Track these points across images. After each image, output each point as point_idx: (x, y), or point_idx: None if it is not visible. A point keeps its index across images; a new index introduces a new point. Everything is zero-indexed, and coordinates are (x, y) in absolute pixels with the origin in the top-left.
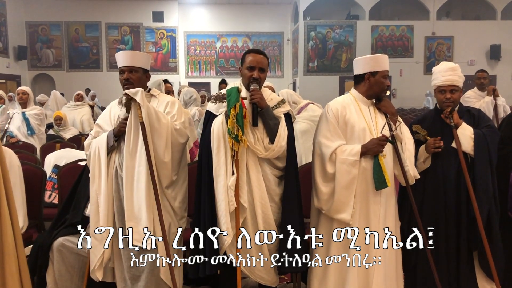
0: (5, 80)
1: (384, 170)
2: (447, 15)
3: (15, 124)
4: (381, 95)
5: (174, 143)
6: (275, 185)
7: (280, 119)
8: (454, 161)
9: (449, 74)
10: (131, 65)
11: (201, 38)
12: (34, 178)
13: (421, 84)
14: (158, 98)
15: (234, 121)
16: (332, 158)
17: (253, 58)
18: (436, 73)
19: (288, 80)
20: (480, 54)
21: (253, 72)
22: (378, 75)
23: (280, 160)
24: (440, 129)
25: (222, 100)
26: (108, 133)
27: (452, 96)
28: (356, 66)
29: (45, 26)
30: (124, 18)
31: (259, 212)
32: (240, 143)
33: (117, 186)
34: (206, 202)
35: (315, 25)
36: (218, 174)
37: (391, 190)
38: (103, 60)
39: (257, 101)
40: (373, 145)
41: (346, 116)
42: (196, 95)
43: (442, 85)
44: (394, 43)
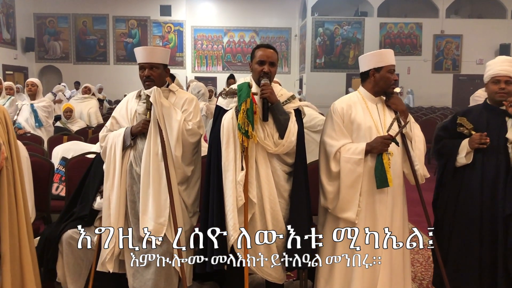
0: (12, 71)
1: (387, 169)
2: (456, 13)
3: (23, 115)
4: (389, 91)
5: (185, 142)
6: (284, 180)
7: (290, 115)
8: (496, 158)
9: (506, 65)
10: (152, 61)
11: (208, 32)
12: (41, 170)
13: (429, 83)
14: (177, 94)
15: (244, 116)
16: (336, 156)
17: (263, 52)
18: (491, 65)
19: (294, 76)
20: (489, 53)
21: (264, 66)
22: (383, 71)
23: (290, 155)
24: (485, 124)
25: (233, 95)
26: (125, 132)
27: (507, 87)
28: (361, 63)
29: (53, 19)
30: (131, 11)
31: (268, 208)
32: (250, 138)
33: (131, 181)
34: (215, 197)
35: (323, 21)
36: (227, 169)
37: (398, 190)
38: (110, 53)
39: (268, 96)
40: (377, 143)
41: (352, 115)
42: (205, 89)
43: (497, 74)
44: (402, 40)
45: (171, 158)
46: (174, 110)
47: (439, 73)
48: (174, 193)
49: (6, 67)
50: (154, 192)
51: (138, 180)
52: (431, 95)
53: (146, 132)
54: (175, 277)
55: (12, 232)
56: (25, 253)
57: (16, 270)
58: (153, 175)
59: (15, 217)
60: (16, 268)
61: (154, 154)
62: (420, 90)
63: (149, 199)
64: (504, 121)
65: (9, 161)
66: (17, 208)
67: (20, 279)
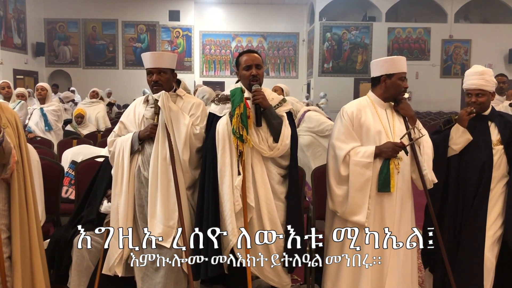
0: (23, 76)
1: (392, 174)
2: (465, 18)
3: (33, 119)
4: (399, 98)
5: (192, 146)
6: (279, 183)
7: (283, 118)
8: (483, 160)
9: (476, 78)
10: (159, 66)
11: (216, 37)
12: (51, 173)
13: (437, 88)
14: (184, 99)
15: (238, 120)
16: (345, 160)
17: (248, 57)
18: (466, 76)
19: (302, 81)
20: (499, 58)
21: (251, 70)
22: (394, 77)
23: (284, 158)
24: (472, 129)
25: (225, 101)
26: (133, 136)
27: (478, 99)
28: (373, 68)
29: (63, 24)
30: (140, 16)
31: (265, 212)
32: (244, 142)
33: (139, 185)
34: (210, 202)
35: (331, 26)
36: (223, 174)
37: (407, 195)
38: (119, 57)
39: (260, 101)
40: (388, 148)
41: (362, 119)
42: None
43: (468, 89)
44: (410, 45)
45: (179, 162)
46: (182, 115)
47: (447, 78)
48: (182, 197)
49: (16, 72)
50: (162, 196)
51: (146, 184)
52: (439, 100)
53: (154, 136)
54: (184, 281)
55: (23, 234)
56: (35, 255)
57: (27, 272)
58: (161, 179)
59: (25, 219)
60: (26, 270)
61: (162, 158)
62: (428, 95)
63: (158, 203)
64: (487, 125)
65: (20, 165)
66: (27, 210)
67: (30, 281)
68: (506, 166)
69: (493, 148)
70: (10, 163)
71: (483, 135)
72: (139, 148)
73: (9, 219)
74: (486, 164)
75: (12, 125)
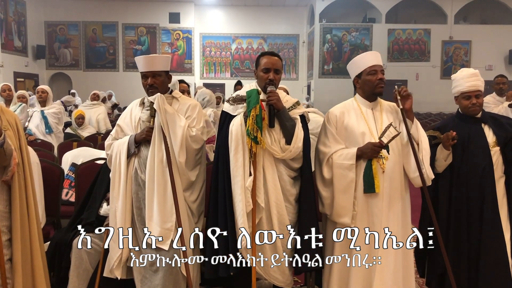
0: (23, 78)
1: (375, 174)
2: (464, 19)
3: (33, 122)
4: (376, 91)
5: (189, 148)
6: (290, 185)
7: (296, 121)
8: (482, 163)
9: (473, 79)
10: (153, 69)
11: (216, 39)
12: (52, 176)
13: (438, 89)
14: (180, 101)
15: (253, 122)
16: (328, 162)
17: (268, 60)
18: (458, 80)
19: (302, 83)
20: (499, 59)
21: (269, 73)
22: (363, 75)
23: (296, 161)
24: (467, 133)
25: (240, 101)
26: (129, 140)
27: (478, 101)
28: (349, 73)
29: (63, 26)
30: (141, 19)
31: (275, 212)
32: (258, 144)
33: (137, 187)
34: (223, 203)
35: (331, 28)
36: (236, 175)
37: (395, 194)
38: (120, 60)
39: (274, 103)
40: (367, 149)
41: (345, 122)
42: (210, 96)
43: (468, 91)
44: (410, 46)
45: (176, 164)
46: (178, 117)
47: (447, 79)
48: (179, 199)
49: (17, 74)
50: (159, 198)
51: (143, 186)
52: (439, 101)
53: (150, 139)
54: (183, 282)
55: (24, 236)
56: (36, 257)
57: (28, 274)
58: (158, 181)
59: (26, 221)
60: (27, 272)
61: (159, 160)
62: (428, 96)
63: (154, 205)
64: (481, 128)
65: (20, 167)
66: (28, 212)
67: (31, 283)
68: (502, 167)
69: (490, 150)
70: (11, 165)
71: (479, 138)
72: (136, 151)
73: (10, 221)
74: (486, 168)
75: (12, 127)
